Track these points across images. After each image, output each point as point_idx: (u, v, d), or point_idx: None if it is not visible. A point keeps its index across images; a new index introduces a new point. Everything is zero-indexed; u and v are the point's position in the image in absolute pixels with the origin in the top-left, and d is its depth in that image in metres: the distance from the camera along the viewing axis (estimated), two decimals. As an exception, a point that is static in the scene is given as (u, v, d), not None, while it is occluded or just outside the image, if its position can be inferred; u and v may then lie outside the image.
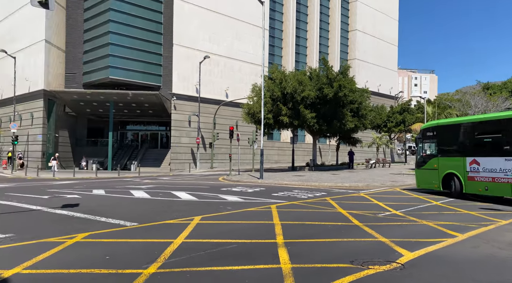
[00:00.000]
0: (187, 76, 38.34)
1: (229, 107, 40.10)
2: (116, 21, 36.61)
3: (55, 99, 37.13)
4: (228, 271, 5.85)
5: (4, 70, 40.04)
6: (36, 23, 36.70)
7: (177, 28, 37.95)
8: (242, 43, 42.41)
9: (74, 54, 39.27)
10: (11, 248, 7.27)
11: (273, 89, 29.07)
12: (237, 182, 22.57)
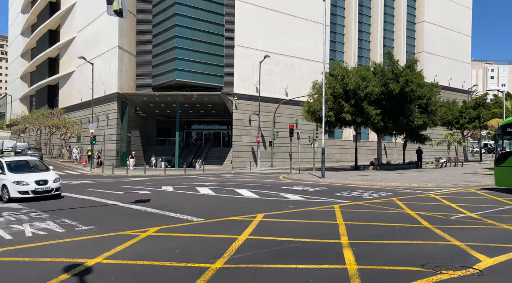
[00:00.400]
0: (247, 76, 38.96)
1: (289, 105, 40.05)
2: (182, 25, 38.24)
3: (128, 101, 39.76)
4: (292, 269, 5.86)
5: (84, 75, 43.72)
6: (111, 31, 39.56)
7: (238, 29, 38.68)
8: (302, 40, 42.08)
9: (144, 59, 41.75)
10: (93, 239, 7.95)
11: (334, 86, 28.48)
12: (297, 180, 22.48)
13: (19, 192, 13.18)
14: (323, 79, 23.94)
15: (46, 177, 13.94)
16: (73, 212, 11.07)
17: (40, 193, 13.46)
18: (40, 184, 13.53)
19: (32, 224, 9.32)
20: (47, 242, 7.66)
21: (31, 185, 13.35)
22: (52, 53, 55.50)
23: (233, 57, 38.75)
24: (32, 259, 6.42)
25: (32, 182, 13.40)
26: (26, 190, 13.27)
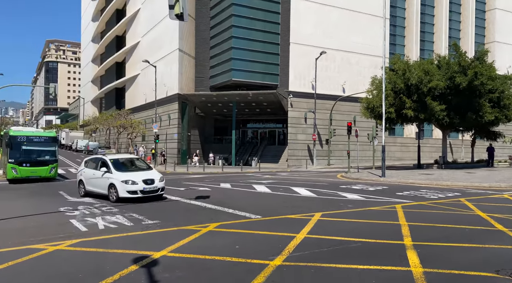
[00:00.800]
0: (303, 73, 38.64)
1: (346, 102, 39.07)
2: (238, 26, 38.92)
3: (187, 102, 41.32)
4: (353, 270, 5.75)
5: (148, 78, 46.18)
6: (172, 34, 41.37)
7: (294, 26, 38.49)
8: (359, 35, 40.83)
9: (202, 60, 43.12)
10: (158, 233, 8.39)
11: (395, 81, 27.29)
12: (356, 179, 21.91)
13: (128, 192, 12.51)
14: (383, 74, 23.05)
15: (152, 176, 13.18)
16: (139, 207, 11.75)
17: (148, 193, 12.78)
18: (148, 184, 12.81)
19: (104, 218, 10.05)
20: (117, 234, 8.23)
21: (139, 185, 12.63)
22: (119, 58, 59.26)
23: (289, 55, 38.65)
24: (105, 250, 6.93)
25: (140, 182, 12.68)
26: (135, 189, 12.55)
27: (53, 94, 29.83)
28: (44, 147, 21.01)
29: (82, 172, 14.73)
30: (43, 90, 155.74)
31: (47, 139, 21.29)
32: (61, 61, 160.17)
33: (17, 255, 6.55)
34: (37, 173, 20.33)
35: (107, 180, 13.07)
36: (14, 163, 19.84)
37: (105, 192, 13.16)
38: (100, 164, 13.75)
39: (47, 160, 20.94)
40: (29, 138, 20.65)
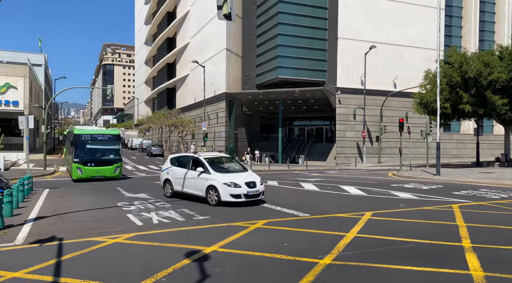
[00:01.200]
0: (351, 69, 37.72)
1: (397, 97, 37.59)
2: (285, 23, 38.81)
3: (234, 100, 41.92)
4: (406, 271, 5.54)
5: (197, 78, 47.47)
6: (220, 34, 42.16)
7: (342, 21, 37.66)
8: (411, 27, 39.07)
9: (248, 59, 43.54)
10: (208, 229, 8.62)
11: (450, 74, 25.82)
12: (408, 178, 21.06)
13: (231, 196, 11.29)
14: (438, 67, 21.91)
15: (253, 178, 11.93)
16: (190, 203, 12.12)
17: (250, 197, 11.48)
18: (251, 187, 11.51)
19: (157, 213, 10.49)
20: (170, 229, 8.56)
21: (243, 188, 11.35)
22: (170, 59, 61.41)
23: (336, 51, 37.90)
24: (159, 244, 7.24)
25: (243, 185, 11.41)
26: (239, 193, 11.30)
27: (110, 95, 31.43)
28: (108, 146, 20.24)
29: (169, 170, 13.53)
30: (101, 91, 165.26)
31: (111, 137, 20.40)
32: (117, 63, 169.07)
33: (80, 247, 7.03)
34: (102, 173, 19.71)
35: (204, 182, 11.84)
36: (79, 162, 19.26)
37: (201, 194, 12.01)
38: (191, 163, 12.67)
39: (112, 159, 20.16)
40: (93, 136, 19.89)
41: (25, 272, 5.61)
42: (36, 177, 20.65)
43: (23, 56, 51.07)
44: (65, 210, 11.09)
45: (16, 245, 7.27)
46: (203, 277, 5.34)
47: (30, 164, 21.92)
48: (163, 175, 14.05)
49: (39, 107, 46.44)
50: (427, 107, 27.69)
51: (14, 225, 8.98)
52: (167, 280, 5.24)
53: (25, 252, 6.80)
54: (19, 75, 39.57)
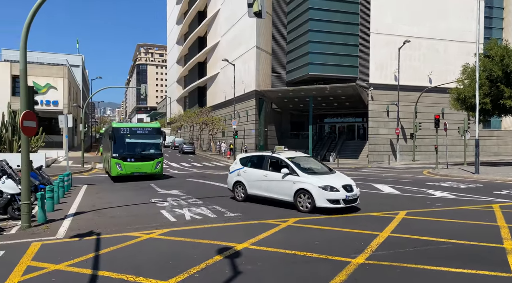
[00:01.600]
0: (384, 64, 36.80)
1: (432, 93, 36.29)
2: (315, 19, 38.37)
3: (264, 98, 41.94)
4: (443, 272, 5.36)
5: (227, 76, 47.88)
6: (250, 32, 42.29)
7: (375, 16, 36.78)
8: (448, 20, 37.58)
9: (278, 56, 43.41)
10: (239, 226, 8.69)
11: (490, 68, 24.62)
12: (445, 176, 20.32)
13: (329, 201, 9.74)
14: (477, 61, 20.98)
15: (348, 181, 10.46)
16: (221, 200, 12.26)
17: (349, 202, 9.97)
18: (348, 191, 10.02)
19: (190, 209, 10.69)
20: (202, 225, 8.70)
21: (341, 192, 9.85)
22: (200, 58, 62.23)
23: (369, 46, 37.07)
24: (192, 240, 7.38)
25: (341, 188, 9.93)
26: (337, 198, 9.78)
27: (143, 95, 32.32)
28: (148, 140, 19.01)
29: (241, 172, 12.09)
30: (135, 90, 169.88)
31: (151, 131, 19.11)
32: (150, 63, 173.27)
33: (116, 241, 7.28)
34: (142, 169, 18.56)
35: (291, 185, 10.40)
36: (118, 158, 18.22)
37: (286, 198, 10.61)
38: (268, 164, 11.31)
39: (152, 154, 18.98)
40: (133, 130, 18.80)
41: (66, 265, 5.88)
42: (74, 174, 21.53)
43: (62, 57, 53.37)
44: (102, 205, 11.51)
45: (58, 238, 7.63)
46: (235, 274, 5.39)
47: (69, 161, 22.85)
48: (232, 177, 12.51)
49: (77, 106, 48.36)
50: (465, 102, 26.58)
51: (56, 219, 9.43)
52: (200, 276, 5.33)
53: (66, 246, 7.12)
54: (59, 76, 41.36)
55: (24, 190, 8.50)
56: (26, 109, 8.55)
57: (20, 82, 8.55)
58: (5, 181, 9.63)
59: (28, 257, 6.31)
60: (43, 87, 39.81)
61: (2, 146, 24.58)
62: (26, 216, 8.44)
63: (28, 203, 8.47)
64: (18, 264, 5.92)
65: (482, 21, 37.20)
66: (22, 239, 7.57)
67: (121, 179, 18.65)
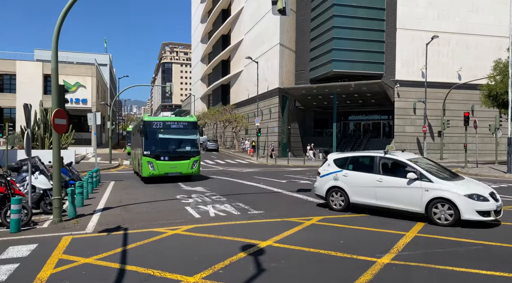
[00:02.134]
0: (411, 61, 35.93)
1: (462, 90, 35.15)
2: (340, 15, 37.84)
3: (287, 95, 41.75)
4: (473, 274, 5.21)
5: (250, 73, 47.96)
6: (273, 29, 42.15)
7: (401, 11, 35.93)
8: (480, 14, 36.27)
9: (302, 53, 43.08)
10: (263, 223, 8.71)
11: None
12: (475, 175, 19.67)
13: (478, 212, 8.07)
14: (510, 56, 20.18)
15: (490, 188, 8.88)
16: (245, 197, 12.33)
17: (498, 214, 8.32)
18: (496, 200, 8.35)
19: (214, 206, 10.80)
20: (226, 222, 8.77)
21: (491, 202, 8.19)
22: (224, 56, 62.59)
23: (395, 42, 36.28)
24: (216, 236, 7.45)
25: (490, 197, 8.29)
26: (488, 209, 8.11)
27: (169, 93, 32.93)
28: (184, 136, 17.07)
29: (339, 176, 10.22)
30: (160, 89, 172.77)
31: (186, 125, 17.10)
32: (174, 62, 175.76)
33: (143, 237, 7.45)
34: (177, 169, 16.56)
35: (422, 193, 8.60)
36: (150, 156, 16.21)
37: (414, 209, 8.76)
38: (380, 166, 9.52)
39: (188, 152, 16.97)
40: (167, 124, 16.79)
41: (95, 259, 6.06)
42: (102, 170, 22.14)
43: (90, 56, 54.86)
44: (129, 201, 11.79)
45: (87, 233, 7.87)
46: (259, 271, 5.41)
47: (97, 158, 23.49)
48: (326, 181, 10.50)
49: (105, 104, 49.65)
50: (497, 99, 25.64)
51: (85, 214, 9.73)
52: (224, 272, 5.38)
53: (95, 240, 7.34)
54: (87, 75, 42.55)
55: (55, 186, 8.81)
56: (58, 107, 8.85)
57: (52, 81, 8.85)
58: (38, 176, 10.01)
59: (60, 250, 6.54)
60: (73, 85, 41.08)
61: (34, 143, 25.52)
62: (57, 211, 8.75)
63: (59, 198, 8.78)
64: (50, 257, 6.15)
65: (515, 15, 35.67)
66: (53, 233, 7.86)
67: (153, 180, 16.85)
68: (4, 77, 42.42)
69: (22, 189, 9.93)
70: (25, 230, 8.04)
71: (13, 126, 25.43)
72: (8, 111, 42.32)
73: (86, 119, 22.35)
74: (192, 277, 5.18)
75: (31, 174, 9.74)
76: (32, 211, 8.69)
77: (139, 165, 17.37)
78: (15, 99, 40.34)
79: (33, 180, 9.87)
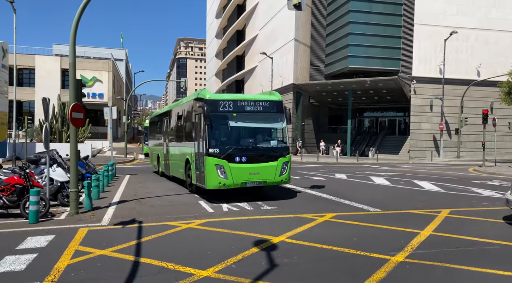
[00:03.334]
0: (428, 57, 35.29)
1: (480, 87, 34.38)
2: (356, 10, 37.38)
3: (302, 91, 41.55)
4: (489, 275, 5.11)
5: (265, 69, 47.84)
6: (288, 25, 41.91)
7: (419, 6, 35.27)
8: (502, 9, 35.33)
9: (317, 48, 42.76)
10: (276, 219, 8.72)
11: (547, 60, 23.02)
12: (493, 174, 19.29)
13: None
14: (531, 52, 19.60)
15: None
16: (257, 192, 12.33)
17: None
18: None
19: (227, 201, 10.84)
20: (239, 217, 8.81)
21: None
22: (239, 51, 62.54)
23: (412, 38, 35.66)
24: (229, 231, 7.49)
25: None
26: None
27: (183, 88, 33.25)
28: (266, 123, 11.43)
29: None
30: (175, 84, 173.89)
31: (269, 107, 11.21)
32: (189, 57, 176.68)
33: (157, 230, 7.54)
34: (261, 175, 10.69)
35: None
36: (219, 155, 10.32)
37: None
38: None
39: (275, 148, 11.11)
40: (240, 105, 10.81)
41: (110, 251, 6.17)
42: (118, 164, 22.47)
43: (107, 51, 55.54)
44: (143, 195, 11.95)
45: (103, 225, 8.02)
46: (272, 266, 5.42)
47: (113, 152, 23.86)
48: None
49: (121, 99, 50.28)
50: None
51: (101, 207, 9.90)
52: (237, 267, 5.42)
53: (110, 233, 7.46)
54: (104, 70, 43.10)
55: (72, 178, 8.98)
56: (75, 101, 9.01)
57: (70, 75, 9.00)
58: (55, 169, 10.22)
59: (76, 242, 6.68)
60: (89, 80, 41.69)
61: (52, 136, 26.05)
62: (74, 203, 8.93)
63: (76, 191, 8.96)
64: (67, 248, 6.29)
65: (538, 9, 34.65)
66: (70, 224, 8.02)
67: (223, 193, 11.58)
68: (24, 72, 43.34)
69: (41, 181, 10.15)
70: (43, 221, 8.24)
71: (32, 119, 26.00)
72: (27, 105, 43.27)
73: (102, 113, 22.69)
74: (205, 270, 5.22)
75: (49, 167, 9.95)
76: (50, 203, 8.89)
77: (198, 171, 11.18)
78: (34, 93, 41.17)
79: (51, 172, 10.08)
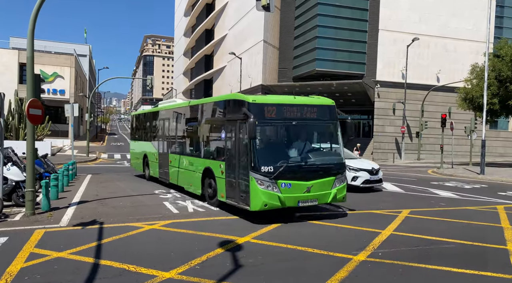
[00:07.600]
0: (392, 62, 36.53)
1: (440, 92, 36.00)
2: (324, 14, 38.06)
3: (270, 92, 41.78)
4: (445, 272, 5.33)
5: (233, 69, 47.74)
6: (257, 26, 42.02)
7: (384, 13, 36.43)
8: (459, 19, 37.15)
9: (285, 51, 43.15)
10: (242, 220, 8.68)
11: (500, 68, 24.35)
12: (450, 176, 20.21)
13: None
14: (486, 61, 20.77)
15: None
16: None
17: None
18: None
19: (193, 202, 10.70)
20: (205, 218, 8.71)
21: None
22: (207, 51, 62.07)
23: (377, 43, 36.77)
24: (194, 232, 7.39)
25: None
26: None
27: (150, 86, 32.55)
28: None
29: None
30: (141, 82, 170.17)
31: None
32: (156, 55, 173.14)
33: (119, 231, 7.31)
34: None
35: None
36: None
37: None
38: None
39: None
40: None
41: (68, 253, 5.91)
42: (79, 163, 21.66)
43: (70, 46, 53.40)
44: (105, 195, 11.57)
45: (61, 226, 7.68)
46: (236, 267, 5.39)
47: (74, 151, 22.99)
48: None
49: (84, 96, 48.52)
50: (473, 102, 26.37)
51: (59, 207, 9.49)
52: (201, 268, 5.34)
53: (69, 234, 7.16)
54: (66, 65, 41.43)
55: (29, 178, 8.55)
56: (33, 97, 8.58)
57: (27, 70, 8.57)
58: (10, 168, 9.69)
59: (31, 244, 6.35)
60: (50, 75, 39.93)
61: (8, 134, 24.74)
62: (30, 203, 8.50)
63: (32, 191, 8.53)
64: (21, 250, 5.96)
65: (493, 20, 36.71)
66: (25, 226, 7.63)
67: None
68: (-22, 65, 40.86)
69: (-6, 180, 9.59)
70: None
71: (-14, 115, 24.54)
72: (-19, 100, 40.80)
73: (63, 111, 21.78)
74: (168, 272, 5.11)
75: (3, 165, 9.42)
76: (3, 203, 8.41)
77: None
78: (-11, 87, 38.93)
79: (5, 171, 9.54)
